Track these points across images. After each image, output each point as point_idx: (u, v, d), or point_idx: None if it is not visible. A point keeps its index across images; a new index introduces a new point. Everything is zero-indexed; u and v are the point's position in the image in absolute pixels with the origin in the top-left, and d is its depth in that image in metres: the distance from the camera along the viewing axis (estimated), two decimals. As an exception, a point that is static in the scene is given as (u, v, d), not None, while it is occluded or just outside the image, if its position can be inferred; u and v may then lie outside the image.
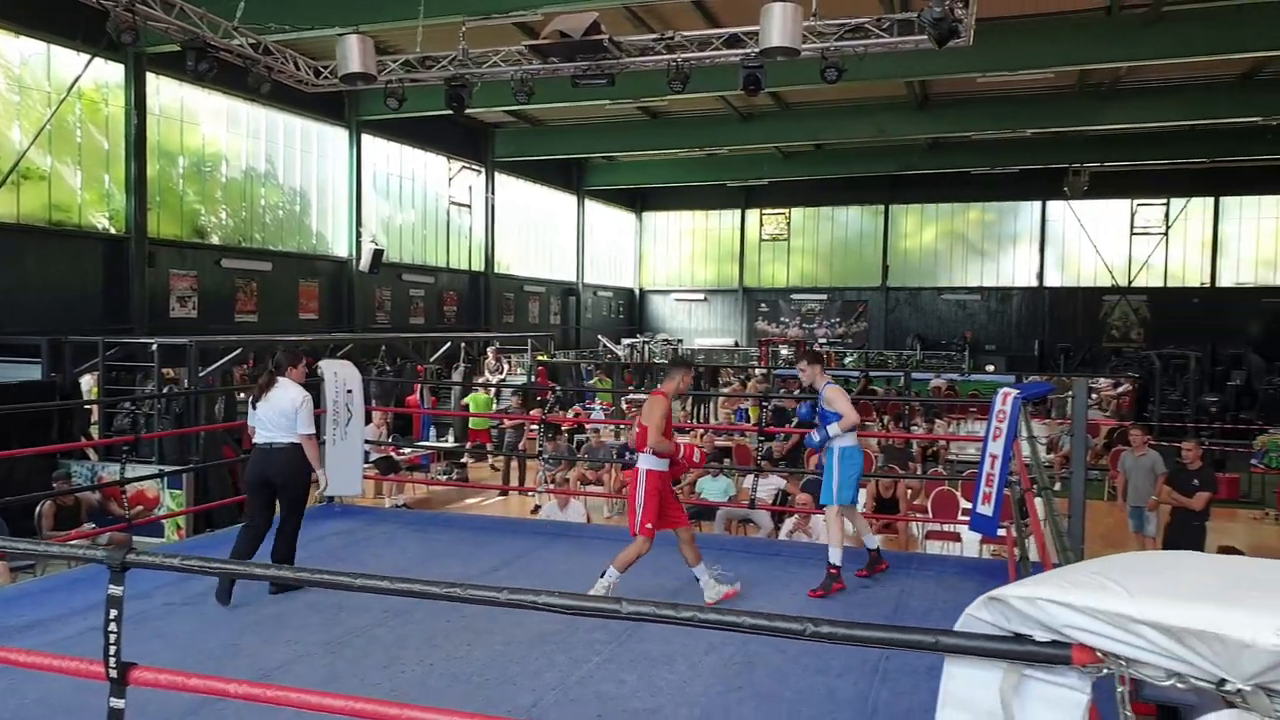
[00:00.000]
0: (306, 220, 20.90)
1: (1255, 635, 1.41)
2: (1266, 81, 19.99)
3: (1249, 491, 14.51)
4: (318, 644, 4.91)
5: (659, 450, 5.60)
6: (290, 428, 5.75)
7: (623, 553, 5.60)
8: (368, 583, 2.18)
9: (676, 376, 5.93)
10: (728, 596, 5.79)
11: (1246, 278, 30.94)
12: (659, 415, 5.62)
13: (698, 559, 5.75)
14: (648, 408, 5.77)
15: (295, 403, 5.74)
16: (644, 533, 5.56)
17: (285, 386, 5.82)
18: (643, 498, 5.58)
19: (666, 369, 6.16)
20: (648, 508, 5.57)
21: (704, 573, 5.75)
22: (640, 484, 5.61)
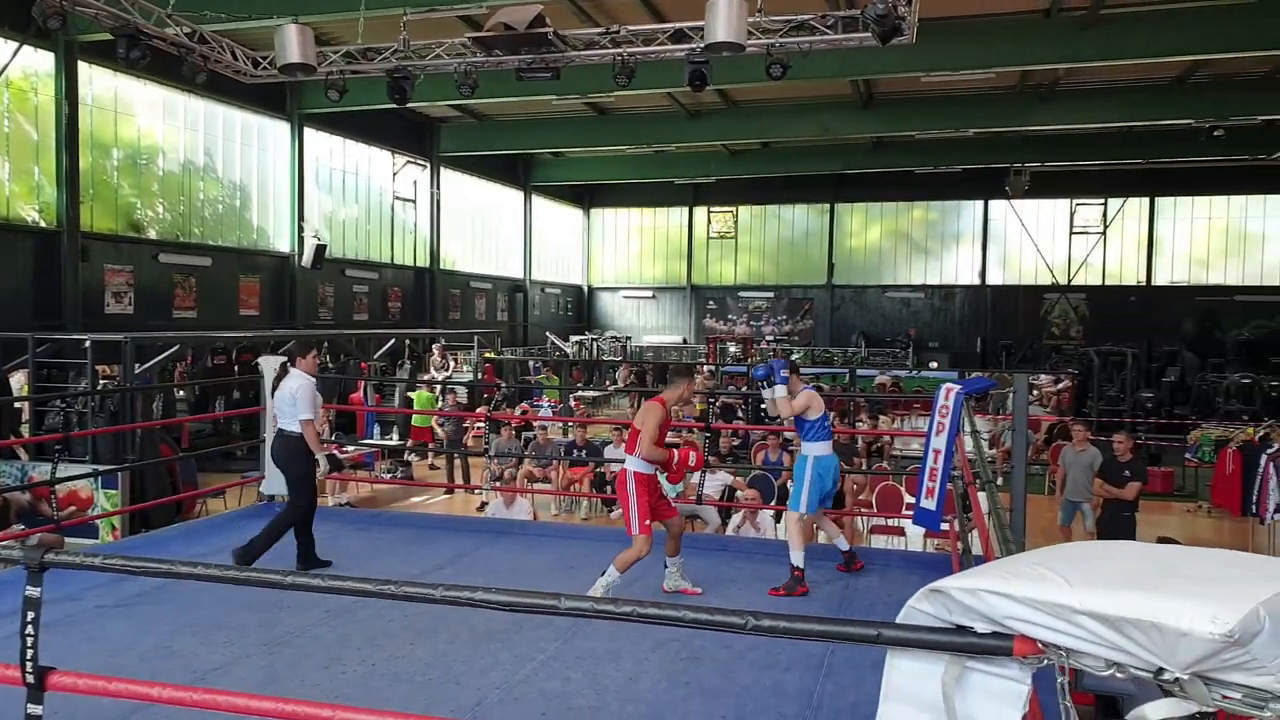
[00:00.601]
0: (247, 215, 20.48)
1: (1192, 624, 1.41)
2: (1198, 85, 20.53)
3: (1183, 485, 14.90)
4: (256, 644, 4.79)
5: (651, 459, 5.63)
6: (293, 414, 6.23)
7: (623, 553, 5.59)
8: (298, 580, 2.11)
9: (680, 385, 5.91)
10: (685, 593, 5.80)
11: (1180, 277, 31.81)
12: (653, 424, 5.62)
13: (676, 552, 5.85)
14: (642, 415, 5.76)
15: (294, 390, 6.22)
16: (644, 531, 5.57)
17: (293, 376, 6.33)
18: (634, 499, 5.60)
19: (670, 376, 6.12)
20: (641, 508, 5.58)
21: (676, 565, 5.83)
22: (629, 486, 5.62)
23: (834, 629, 1.80)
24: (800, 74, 12.00)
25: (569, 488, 12.59)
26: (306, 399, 6.22)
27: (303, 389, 6.23)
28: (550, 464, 12.77)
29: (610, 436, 13.15)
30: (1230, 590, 1.46)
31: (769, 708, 4.16)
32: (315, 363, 6.54)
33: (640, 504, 5.59)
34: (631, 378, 22.10)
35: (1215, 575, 1.55)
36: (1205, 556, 1.72)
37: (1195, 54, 16.86)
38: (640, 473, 5.63)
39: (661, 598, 5.69)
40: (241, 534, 7.32)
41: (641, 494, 5.60)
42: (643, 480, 5.62)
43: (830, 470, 6.15)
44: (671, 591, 5.82)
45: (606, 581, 5.52)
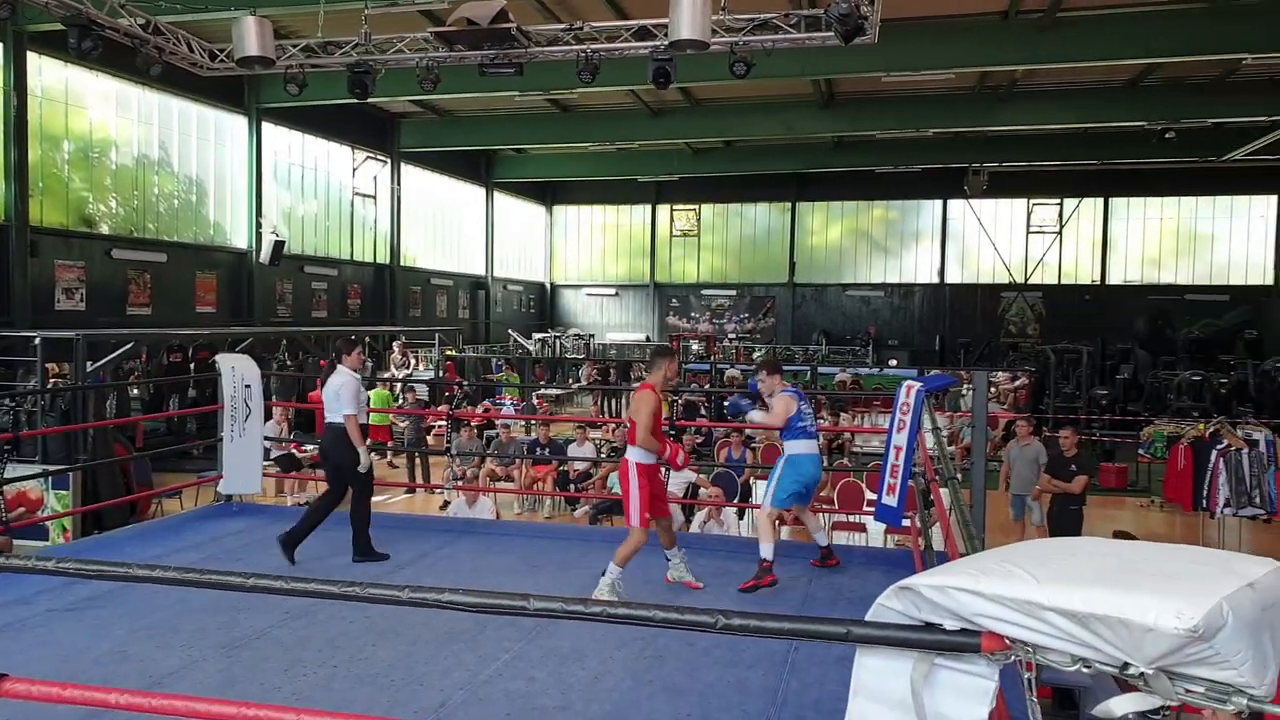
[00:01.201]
0: (203, 210, 20.15)
1: (1158, 619, 1.42)
2: (1151, 88, 20.94)
3: (1136, 480, 15.18)
4: (214, 648, 4.71)
5: (648, 449, 5.59)
6: (338, 409, 6.47)
7: (621, 547, 5.55)
8: (260, 582, 2.07)
9: (662, 366, 5.86)
10: (688, 585, 5.86)
11: (1134, 276, 32.42)
12: (647, 412, 5.58)
13: (673, 544, 5.91)
14: (636, 404, 5.74)
15: (337, 387, 6.49)
16: (643, 523, 5.55)
17: (339, 372, 6.61)
18: (635, 491, 5.56)
19: (650, 360, 6.07)
20: (642, 499, 5.56)
21: (677, 555, 5.89)
22: (631, 478, 5.58)
23: (804, 627, 1.80)
24: (763, 73, 12.04)
25: (532, 486, 12.54)
26: (349, 395, 6.46)
27: (346, 385, 6.50)
28: (513, 463, 12.71)
29: (574, 435, 13.12)
30: (1194, 586, 1.48)
31: (733, 705, 4.17)
32: (360, 360, 6.85)
33: (641, 496, 5.55)
34: (595, 376, 22.07)
35: (1180, 572, 1.57)
36: (1169, 553, 1.75)
37: (1148, 58, 17.19)
38: (642, 464, 5.58)
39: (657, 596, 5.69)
40: (198, 535, 7.22)
41: (643, 485, 5.56)
42: (644, 471, 5.58)
43: (806, 469, 6.14)
44: (674, 582, 5.86)
45: (610, 580, 5.46)
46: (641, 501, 5.56)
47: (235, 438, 7.80)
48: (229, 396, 7.77)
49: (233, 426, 7.79)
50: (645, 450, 5.60)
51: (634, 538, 5.54)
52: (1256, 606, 1.49)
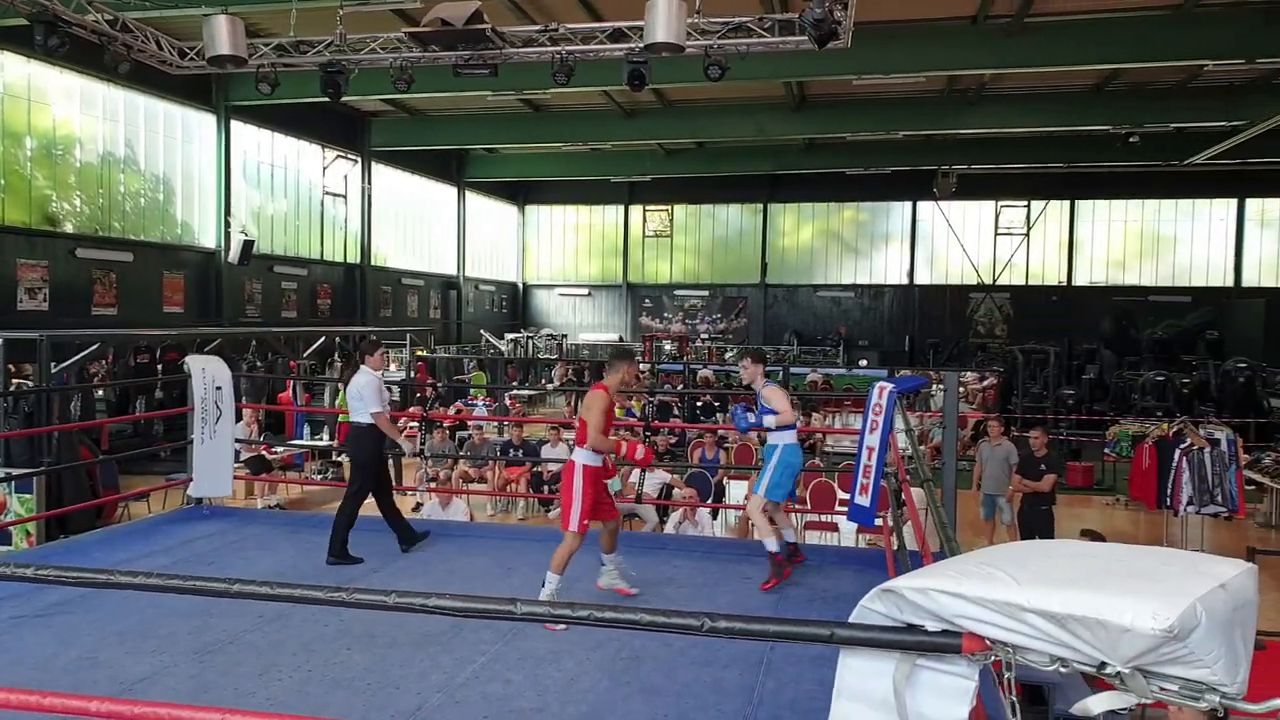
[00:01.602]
0: (171, 209, 19.91)
1: (1134, 620, 1.46)
2: (1115, 93, 21.26)
3: (1102, 479, 15.40)
4: (185, 653, 4.66)
5: (598, 448, 5.44)
6: (362, 409, 6.62)
7: (556, 554, 5.39)
8: (245, 589, 2.06)
9: (620, 369, 5.71)
10: (619, 592, 5.72)
11: (1099, 277, 32.90)
12: (597, 411, 5.42)
13: (613, 549, 5.72)
14: (587, 402, 5.60)
15: (360, 386, 6.64)
16: (580, 529, 5.40)
17: (361, 373, 6.74)
18: (578, 493, 5.41)
19: (608, 361, 5.94)
20: (584, 504, 5.41)
21: (612, 562, 5.71)
22: (576, 479, 5.43)
23: (789, 629, 1.82)
24: (735, 75, 12.11)
25: (505, 488, 12.52)
26: (371, 394, 6.62)
27: (367, 385, 6.64)
28: (486, 464, 12.68)
29: (547, 435, 13.10)
30: (1169, 587, 1.52)
31: (709, 705, 4.19)
32: (382, 360, 6.98)
33: (584, 501, 5.41)
34: (568, 376, 22.05)
35: (1155, 573, 1.62)
36: (1144, 554, 1.79)
37: (1112, 63, 17.49)
38: (589, 466, 5.44)
39: (604, 598, 5.69)
40: (168, 539, 7.14)
41: (587, 491, 5.42)
42: (590, 475, 5.44)
43: (798, 459, 6.19)
44: (605, 589, 5.72)
45: (550, 590, 5.33)
46: (583, 507, 5.41)
47: (206, 440, 7.72)
48: (199, 398, 7.69)
49: (203, 429, 7.71)
50: (595, 452, 5.46)
51: (568, 542, 5.40)
52: (1228, 607, 1.53)
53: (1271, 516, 12.93)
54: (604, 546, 5.70)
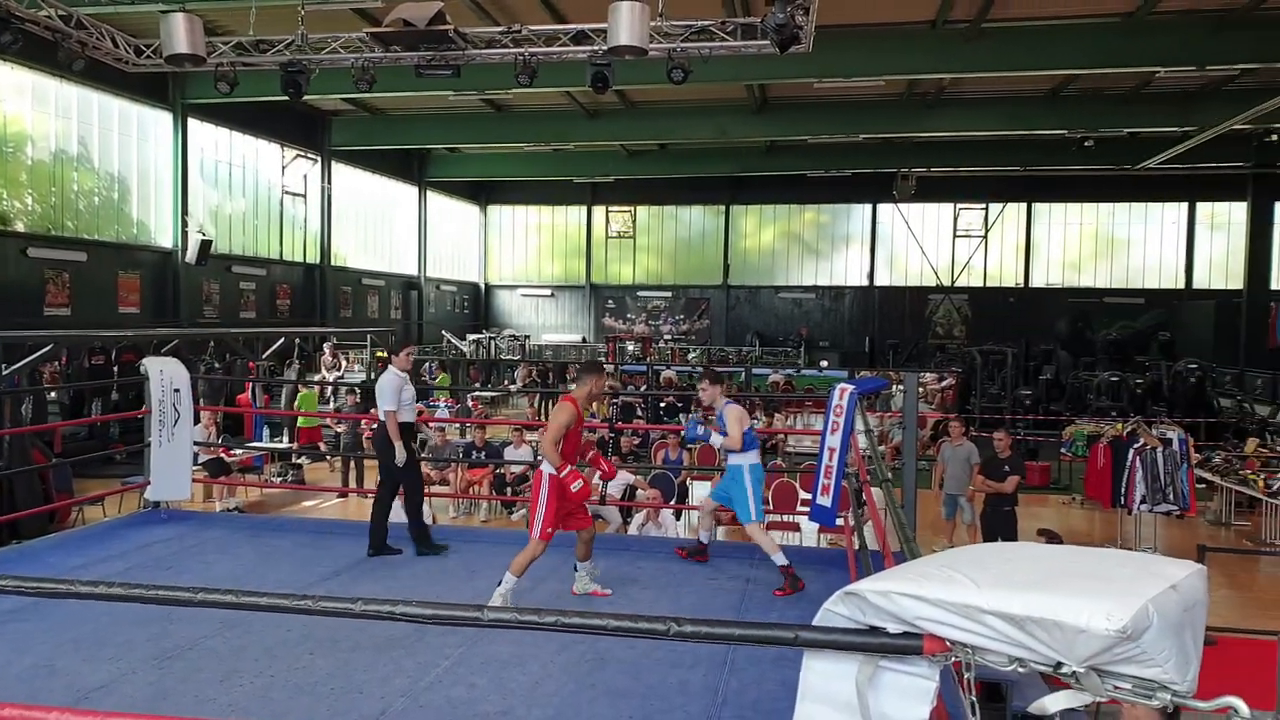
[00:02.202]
0: (126, 208, 19.58)
1: (1090, 621, 1.51)
2: (1071, 98, 21.64)
3: (1058, 478, 15.65)
4: (144, 660, 4.60)
5: (546, 456, 5.47)
6: (381, 406, 6.69)
7: (518, 556, 5.43)
8: (209, 597, 2.05)
9: (588, 382, 5.75)
10: (595, 595, 5.76)
11: (1055, 279, 33.45)
12: (558, 423, 5.49)
13: (587, 556, 5.79)
14: (552, 414, 5.69)
15: (380, 385, 6.73)
16: (543, 537, 5.43)
17: (387, 371, 6.85)
18: (543, 503, 5.45)
19: (578, 373, 6.00)
20: (548, 513, 5.45)
21: (586, 569, 5.80)
22: (542, 489, 5.47)
23: (755, 633, 1.85)
24: (698, 78, 12.16)
25: (468, 490, 12.46)
26: (385, 392, 6.66)
27: (384, 382, 6.71)
28: (448, 466, 12.62)
29: (510, 437, 13.07)
30: (1123, 588, 1.57)
31: (675, 706, 4.21)
32: (409, 360, 6.96)
33: (548, 509, 5.44)
34: (531, 377, 21.99)
35: (1109, 574, 1.66)
36: (1100, 556, 1.84)
37: (1067, 68, 17.81)
38: (554, 476, 5.44)
39: (568, 601, 5.70)
40: (124, 543, 7.03)
41: (552, 500, 5.44)
42: (555, 485, 5.45)
43: (761, 475, 6.32)
44: (581, 594, 5.76)
45: (504, 589, 5.35)
46: (547, 516, 5.44)
47: (163, 442, 7.61)
48: (156, 400, 7.58)
49: (161, 431, 7.60)
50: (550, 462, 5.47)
51: (531, 547, 5.43)
52: (1179, 607, 1.58)
53: (1221, 514, 13.22)
54: (578, 555, 5.77)
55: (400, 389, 6.67)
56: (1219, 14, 15.68)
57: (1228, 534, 12.84)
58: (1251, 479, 12.43)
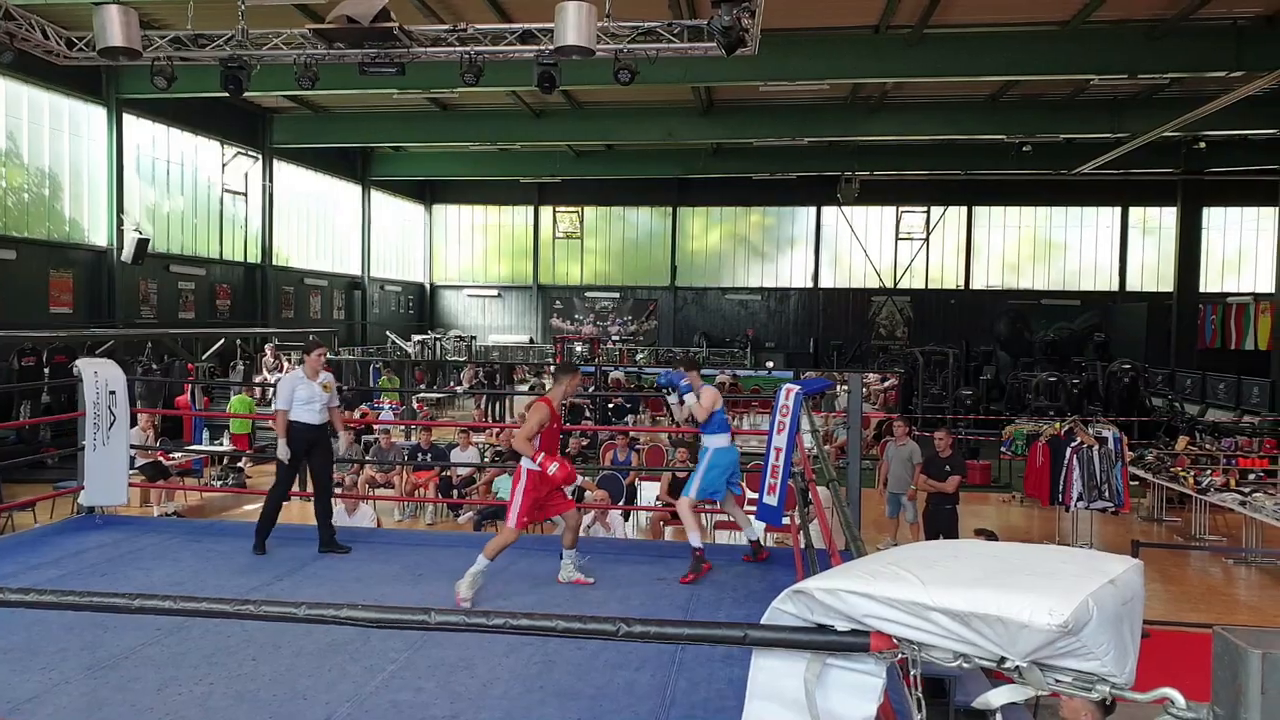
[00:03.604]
0: (58, 205, 19.03)
1: (1032, 616, 1.54)
2: (1009, 103, 22.10)
3: (998, 477, 15.96)
4: (78, 669, 4.47)
5: (523, 453, 5.71)
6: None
7: (493, 540, 5.71)
8: (145, 603, 2.00)
9: (563, 382, 6.01)
10: (579, 583, 5.94)
11: (995, 281, 34.13)
12: (533, 421, 5.70)
13: (574, 544, 5.98)
14: (527, 414, 5.87)
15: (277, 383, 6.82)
16: (518, 525, 5.73)
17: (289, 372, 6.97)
18: (520, 495, 5.72)
19: (555, 374, 6.29)
20: (523, 504, 5.71)
21: (572, 557, 5.96)
22: (520, 482, 5.74)
23: (704, 632, 1.85)
24: (644, 79, 12.19)
25: (413, 493, 12.33)
26: (279, 390, 6.74)
27: (281, 380, 6.86)
28: (393, 468, 12.47)
29: (456, 439, 12.96)
30: (1064, 584, 1.61)
31: (623, 707, 4.21)
32: (319, 361, 6.85)
33: (525, 499, 5.68)
34: (478, 378, 21.83)
35: (1051, 571, 1.70)
36: (1043, 553, 1.88)
37: (1005, 75, 18.20)
38: (532, 470, 5.69)
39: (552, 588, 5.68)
40: (56, 550, 6.83)
41: (529, 490, 5.69)
42: (532, 479, 5.70)
43: (729, 462, 6.32)
44: (566, 582, 5.93)
45: (476, 570, 5.56)
46: (523, 505, 5.69)
47: (98, 446, 7.41)
48: (91, 403, 7.38)
49: (95, 435, 7.40)
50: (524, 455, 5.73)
51: (505, 535, 5.72)
52: (1117, 601, 1.62)
53: (1153, 511, 13.59)
54: (565, 542, 5.99)
55: (294, 388, 6.72)
56: (1150, 24, 16.13)
57: (1160, 530, 13.21)
58: (1182, 476, 12.80)
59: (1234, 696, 1.43)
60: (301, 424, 6.73)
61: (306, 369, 6.84)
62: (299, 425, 6.72)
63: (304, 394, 6.75)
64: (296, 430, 6.72)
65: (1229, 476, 12.83)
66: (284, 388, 6.75)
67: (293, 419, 6.69)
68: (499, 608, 5.08)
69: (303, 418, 6.72)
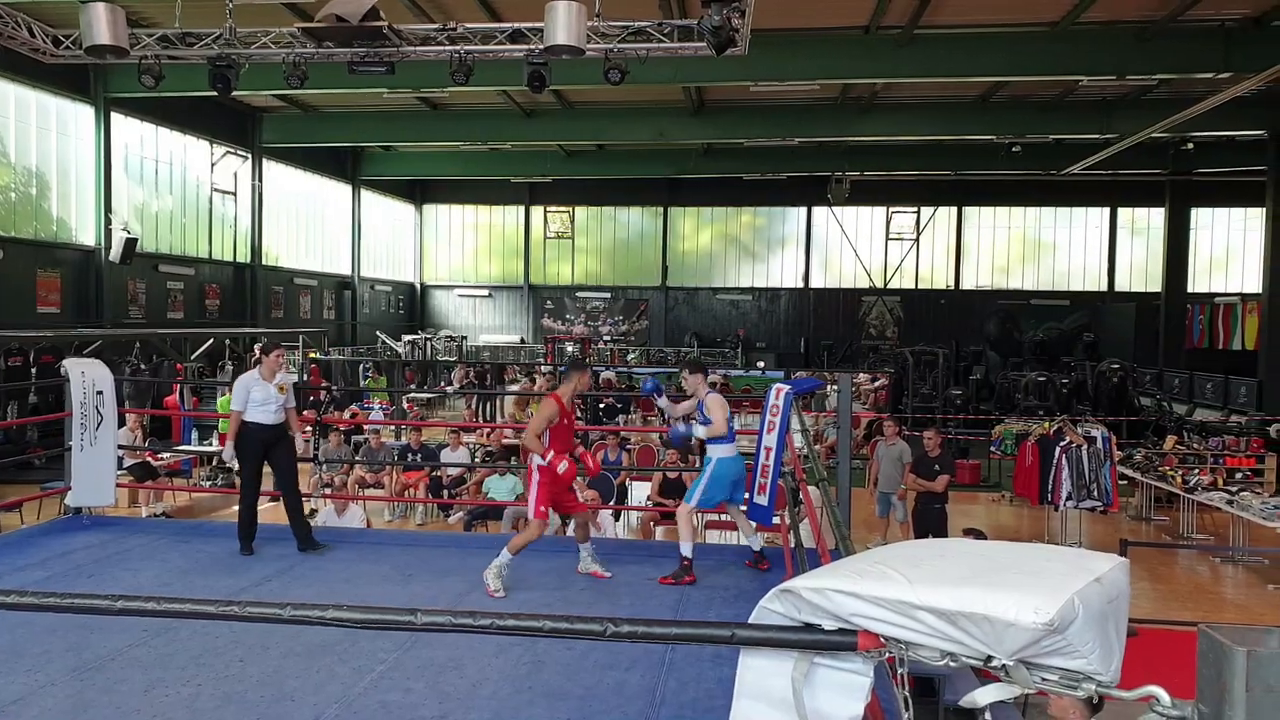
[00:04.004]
0: (45, 204, 18.93)
1: (1018, 615, 1.54)
2: (999, 104, 22.17)
3: (988, 476, 16.01)
4: (64, 671, 4.44)
5: (529, 447, 5.89)
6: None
7: (517, 537, 5.86)
8: (129, 605, 1.99)
9: (573, 379, 6.09)
10: (596, 575, 6.09)
11: (985, 281, 34.22)
12: (541, 416, 5.85)
13: (586, 539, 6.19)
14: (536, 410, 6.08)
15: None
16: (539, 515, 5.84)
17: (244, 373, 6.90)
18: (535, 489, 5.85)
19: (565, 370, 6.33)
20: (540, 496, 5.84)
21: (588, 550, 6.17)
22: (533, 477, 5.87)
23: (691, 632, 1.85)
24: (635, 78, 12.18)
25: (403, 493, 12.31)
26: (234, 391, 6.73)
27: (235, 382, 6.83)
28: (383, 469, 12.44)
29: (446, 439, 12.93)
30: (1050, 583, 1.61)
31: (613, 708, 4.20)
32: (276, 361, 6.85)
33: (541, 491, 5.82)
34: (468, 378, 21.79)
35: (1038, 569, 1.70)
36: (1028, 552, 1.88)
37: (995, 76, 18.26)
38: (542, 465, 5.81)
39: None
40: (43, 551, 6.79)
41: (544, 484, 5.82)
42: (545, 474, 5.82)
43: (733, 474, 6.24)
44: (584, 574, 6.10)
45: (499, 563, 5.68)
46: (540, 495, 5.82)
47: (85, 446, 7.38)
48: (79, 403, 7.34)
49: (83, 435, 7.37)
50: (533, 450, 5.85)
51: (531, 528, 5.84)
52: (1103, 599, 1.62)
53: (1142, 510, 13.65)
54: (578, 537, 6.23)
55: (249, 389, 6.69)
56: (1138, 26, 16.20)
57: (1148, 529, 13.26)
58: (1170, 475, 12.86)
59: (1219, 694, 1.43)
60: (256, 424, 6.70)
61: (263, 369, 6.81)
62: (254, 426, 6.70)
63: (259, 395, 6.72)
64: (251, 431, 6.70)
65: (1216, 476, 12.90)
66: (238, 389, 6.73)
67: (248, 419, 6.67)
68: (486, 608, 5.07)
69: (258, 419, 6.70)
